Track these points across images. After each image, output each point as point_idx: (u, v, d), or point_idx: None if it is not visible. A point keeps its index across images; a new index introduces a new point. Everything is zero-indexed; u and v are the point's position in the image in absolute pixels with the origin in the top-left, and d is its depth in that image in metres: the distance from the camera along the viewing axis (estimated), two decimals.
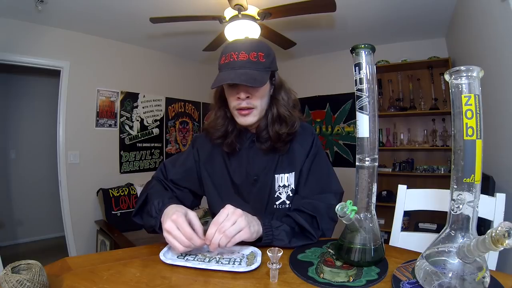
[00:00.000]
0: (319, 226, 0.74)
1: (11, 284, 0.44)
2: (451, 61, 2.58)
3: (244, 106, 0.79)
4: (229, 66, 0.76)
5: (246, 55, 0.76)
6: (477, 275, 0.42)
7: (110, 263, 0.61)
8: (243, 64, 0.75)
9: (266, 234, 0.68)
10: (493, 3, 1.42)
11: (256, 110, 0.81)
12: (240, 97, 0.78)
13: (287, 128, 0.82)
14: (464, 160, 0.44)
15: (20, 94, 3.41)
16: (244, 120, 0.81)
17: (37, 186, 3.48)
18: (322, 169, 0.86)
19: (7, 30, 2.32)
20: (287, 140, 0.84)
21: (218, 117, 0.88)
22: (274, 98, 0.85)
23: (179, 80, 3.64)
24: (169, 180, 0.89)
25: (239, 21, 2.04)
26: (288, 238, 0.70)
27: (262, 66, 0.77)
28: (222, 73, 0.77)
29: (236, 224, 0.62)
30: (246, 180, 0.86)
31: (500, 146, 1.48)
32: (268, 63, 0.79)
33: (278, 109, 0.83)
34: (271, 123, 0.83)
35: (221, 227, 0.61)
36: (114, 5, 2.24)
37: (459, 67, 0.45)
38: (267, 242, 0.68)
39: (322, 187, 0.84)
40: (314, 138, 0.88)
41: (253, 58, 0.76)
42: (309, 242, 0.71)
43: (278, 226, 0.71)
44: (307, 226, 0.72)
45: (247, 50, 0.76)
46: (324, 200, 0.80)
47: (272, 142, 0.83)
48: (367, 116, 0.57)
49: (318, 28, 2.79)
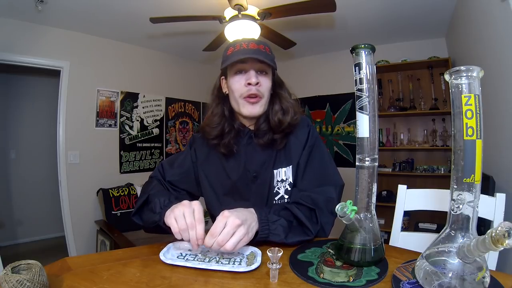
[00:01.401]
0: (317, 220, 0.73)
1: (11, 284, 0.44)
2: (451, 61, 2.58)
3: (253, 92, 0.79)
4: (240, 52, 0.78)
5: (256, 45, 0.79)
6: (477, 275, 0.42)
7: (110, 263, 0.61)
8: (254, 51, 0.78)
9: (262, 229, 0.67)
10: (493, 3, 1.42)
11: (263, 100, 0.82)
12: (251, 82, 0.78)
13: (289, 117, 0.83)
14: (464, 160, 0.44)
15: (20, 94, 3.41)
16: (251, 108, 0.81)
17: (37, 186, 3.48)
18: (321, 161, 0.85)
19: (7, 30, 2.32)
20: (287, 131, 0.84)
21: (215, 115, 0.86)
22: (277, 93, 0.87)
23: (179, 80, 3.64)
24: (166, 181, 0.89)
25: (239, 21, 2.04)
26: (284, 233, 0.68)
27: (270, 58, 0.80)
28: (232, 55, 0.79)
29: (235, 235, 0.60)
30: (245, 177, 0.85)
31: (500, 146, 1.48)
32: (273, 58, 0.83)
33: (281, 102, 0.85)
34: (274, 114, 0.83)
35: (220, 241, 0.58)
36: (114, 5, 2.24)
37: (459, 67, 0.44)
38: (262, 237, 0.67)
39: (321, 179, 0.82)
40: (310, 129, 0.87)
41: (262, 49, 0.79)
42: (306, 238, 0.70)
43: (275, 220, 0.69)
44: (304, 220, 0.71)
45: (256, 42, 0.80)
46: (323, 193, 0.78)
47: (272, 133, 0.83)
48: (367, 116, 0.57)
49: (318, 28, 2.79)
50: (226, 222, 0.60)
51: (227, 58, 0.81)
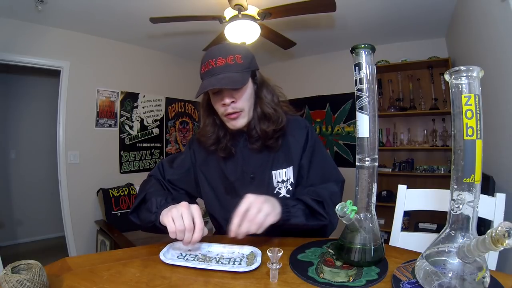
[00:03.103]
0: (326, 210, 0.76)
1: (11, 284, 0.44)
2: (451, 61, 2.57)
3: (230, 111, 0.79)
4: (209, 73, 0.77)
5: (223, 60, 0.76)
6: (477, 275, 0.42)
7: (110, 263, 0.61)
8: (222, 69, 0.76)
9: (284, 211, 0.70)
10: (493, 3, 1.42)
11: (244, 112, 0.81)
12: (226, 103, 0.78)
13: (273, 125, 0.83)
14: (464, 160, 0.44)
15: (20, 94, 3.41)
16: (234, 123, 0.81)
17: (37, 186, 3.48)
18: (322, 160, 0.88)
19: (7, 30, 2.32)
20: (276, 136, 0.84)
21: (207, 125, 0.88)
22: (257, 97, 0.86)
23: (179, 80, 3.64)
24: (166, 180, 0.90)
25: (239, 21, 2.04)
26: (304, 216, 0.72)
27: (241, 68, 0.77)
28: (204, 81, 0.78)
29: (262, 211, 0.63)
30: (243, 178, 0.86)
31: (500, 146, 1.48)
32: (247, 64, 0.79)
33: (262, 108, 0.84)
34: (257, 122, 0.84)
35: (248, 216, 0.62)
36: (114, 5, 2.24)
37: (459, 67, 0.45)
38: (285, 220, 0.69)
39: (324, 177, 0.85)
40: (308, 130, 0.88)
41: (230, 62, 0.76)
42: (322, 223, 0.74)
43: (294, 204, 0.73)
44: (317, 208, 0.74)
45: (224, 54, 0.77)
46: (327, 188, 0.82)
47: (262, 140, 0.84)
48: (367, 116, 0.57)
49: (318, 28, 2.79)
50: (250, 202, 0.64)
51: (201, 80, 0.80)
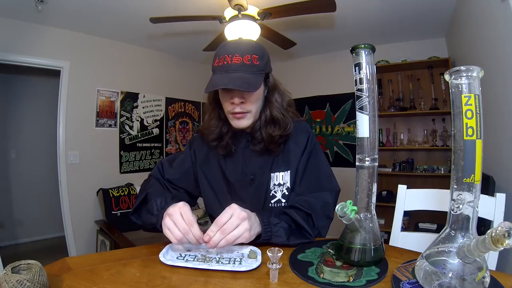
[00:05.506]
0: (314, 224, 0.74)
1: (11, 284, 0.44)
2: (451, 61, 2.58)
3: (238, 111, 0.78)
4: (223, 69, 0.75)
5: (240, 58, 0.74)
6: (477, 275, 0.42)
7: (110, 263, 0.61)
8: (237, 68, 0.74)
9: (265, 231, 0.68)
10: (493, 3, 1.42)
11: (250, 114, 0.80)
12: (234, 102, 0.77)
13: (280, 130, 0.82)
14: (464, 160, 0.44)
15: (20, 94, 3.41)
16: (238, 123, 0.80)
17: (37, 186, 3.48)
18: (318, 167, 0.86)
19: (7, 30, 2.32)
20: (280, 142, 0.84)
21: (212, 118, 0.87)
22: (268, 100, 0.84)
23: (179, 80, 3.64)
24: (165, 179, 0.90)
25: (239, 21, 2.04)
26: (286, 236, 0.69)
27: (257, 69, 0.75)
28: (215, 76, 0.76)
29: (238, 228, 0.62)
30: (243, 179, 0.86)
31: (500, 146, 1.48)
32: (262, 65, 0.77)
33: (272, 112, 0.82)
34: (264, 125, 0.82)
35: (223, 229, 0.61)
36: (114, 5, 2.24)
37: (459, 67, 0.45)
38: (265, 239, 0.68)
39: (318, 185, 0.83)
40: (309, 135, 0.87)
41: (247, 61, 0.74)
42: (306, 241, 0.71)
43: (277, 223, 0.71)
44: (303, 224, 0.71)
45: (241, 52, 0.74)
46: (320, 198, 0.79)
47: (265, 144, 0.83)
48: (367, 116, 0.57)
49: (318, 28, 2.79)
50: (233, 213, 0.62)
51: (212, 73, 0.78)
